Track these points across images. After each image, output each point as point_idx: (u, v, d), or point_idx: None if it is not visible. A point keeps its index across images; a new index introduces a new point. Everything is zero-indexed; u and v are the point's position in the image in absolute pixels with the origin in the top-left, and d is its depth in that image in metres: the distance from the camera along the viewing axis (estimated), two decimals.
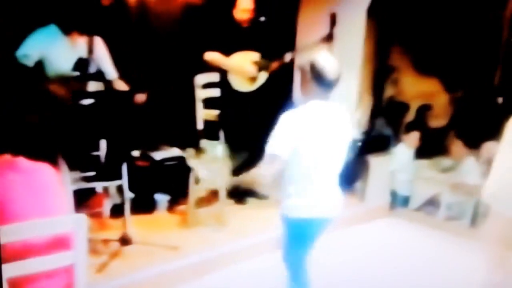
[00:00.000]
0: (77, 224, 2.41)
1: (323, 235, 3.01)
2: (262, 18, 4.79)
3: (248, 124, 4.69)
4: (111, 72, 4.06)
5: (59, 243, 2.49)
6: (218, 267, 3.98)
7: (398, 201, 5.38)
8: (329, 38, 4.83)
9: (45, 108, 3.47)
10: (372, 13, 5.25)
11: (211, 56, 4.64)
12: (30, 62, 3.71)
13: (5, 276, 2.21)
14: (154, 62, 4.89)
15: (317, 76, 2.69)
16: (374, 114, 5.59)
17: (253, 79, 4.73)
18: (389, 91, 5.70)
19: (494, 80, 5.35)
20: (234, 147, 4.51)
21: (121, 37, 4.47)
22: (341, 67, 2.77)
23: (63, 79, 3.71)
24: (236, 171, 4.45)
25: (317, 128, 2.72)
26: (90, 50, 3.83)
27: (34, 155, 2.61)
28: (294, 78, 4.95)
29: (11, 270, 2.25)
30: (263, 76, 4.77)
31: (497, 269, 3.48)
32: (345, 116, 2.88)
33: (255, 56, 4.73)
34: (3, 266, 2.20)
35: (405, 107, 5.89)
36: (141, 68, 4.61)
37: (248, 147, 4.64)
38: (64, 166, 3.54)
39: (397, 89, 5.81)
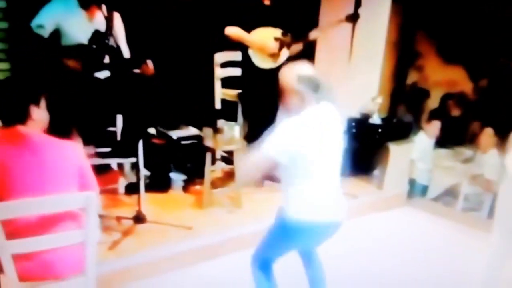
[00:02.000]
0: (87, 202, 2.33)
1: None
2: None
3: (267, 104, 4.57)
4: (126, 49, 3.94)
5: (71, 220, 2.43)
6: (231, 249, 3.90)
7: (417, 190, 5.27)
8: (353, 17, 4.65)
9: (60, 80, 3.38)
10: None
11: (233, 31, 4.51)
12: (45, 32, 3.59)
13: (9, 252, 2.15)
14: (173, 38, 4.77)
15: (309, 84, 2.62)
16: (396, 100, 5.44)
17: (275, 56, 4.59)
18: (412, 77, 5.53)
19: None
20: (251, 128, 4.41)
21: (140, 13, 4.34)
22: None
23: (78, 51, 3.60)
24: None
25: (316, 132, 2.64)
26: (108, 25, 3.70)
27: (49, 128, 2.54)
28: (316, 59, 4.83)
29: (16, 247, 2.19)
30: (285, 54, 4.63)
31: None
32: (337, 114, 2.78)
33: (277, 32, 4.59)
34: (7, 242, 2.14)
35: (427, 94, 5.73)
36: (159, 44, 4.50)
37: (266, 128, 4.53)
38: (78, 141, 3.48)
39: (420, 75, 5.64)
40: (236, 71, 4.84)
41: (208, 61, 4.83)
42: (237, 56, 4.72)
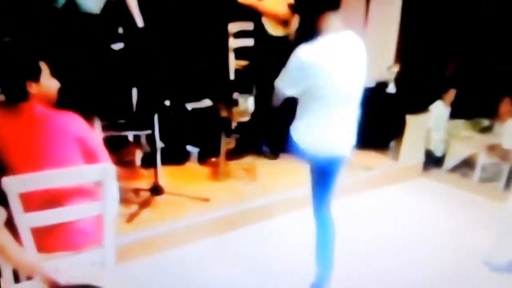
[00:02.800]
0: (104, 174, 2.30)
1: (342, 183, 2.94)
2: None
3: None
4: (139, 19, 3.88)
5: (85, 195, 2.41)
6: (247, 221, 3.89)
7: (433, 160, 5.19)
8: None
9: (75, 51, 3.33)
10: None
11: None
12: (58, 3, 3.53)
13: (28, 225, 2.14)
14: (187, 8, 4.69)
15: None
16: (412, 68, 5.32)
17: (287, 23, 4.49)
18: (427, 46, 5.40)
19: None
20: (265, 99, 4.35)
21: None
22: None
23: (91, 21, 3.54)
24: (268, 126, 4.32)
25: (333, 62, 2.54)
26: None
27: (63, 102, 2.51)
28: None
29: (34, 220, 2.17)
30: (297, 20, 4.53)
31: None
32: (361, 46, 2.69)
33: None
34: (25, 215, 2.13)
35: (444, 62, 5.61)
36: (173, 15, 4.42)
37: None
38: (94, 113, 3.46)
39: (437, 43, 5.50)
40: (249, 41, 4.75)
41: (223, 32, 4.75)
42: (250, 26, 4.63)
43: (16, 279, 2.22)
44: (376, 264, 3.52)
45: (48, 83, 2.42)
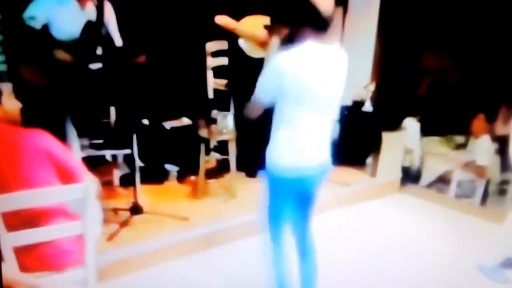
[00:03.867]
0: (85, 193, 2.33)
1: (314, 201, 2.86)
2: None
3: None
4: (118, 38, 3.92)
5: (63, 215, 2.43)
6: (226, 239, 3.92)
7: (409, 177, 5.29)
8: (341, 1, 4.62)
9: (53, 72, 3.36)
10: None
11: (222, 19, 4.48)
12: (37, 24, 3.56)
13: (10, 244, 2.15)
14: (165, 28, 4.74)
15: (310, 13, 2.49)
16: (387, 87, 5.43)
17: (265, 44, 4.56)
18: (402, 66, 5.52)
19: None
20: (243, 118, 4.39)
21: (131, 2, 4.30)
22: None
23: (70, 42, 3.57)
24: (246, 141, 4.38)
25: (309, 70, 2.50)
26: (100, 14, 3.68)
27: (39, 121, 2.52)
28: None
29: (17, 239, 2.19)
30: (275, 42, 4.61)
31: None
32: (343, 58, 2.67)
33: (265, 20, 4.55)
34: (8, 235, 2.15)
35: (418, 81, 5.75)
36: (151, 33, 4.47)
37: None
38: (73, 133, 3.47)
39: (410, 63, 5.64)
40: (225, 60, 4.82)
41: (200, 51, 4.81)
42: (225, 45, 4.70)
43: None
44: (357, 276, 3.58)
45: (9, 104, 2.44)
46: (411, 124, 5.30)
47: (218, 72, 4.87)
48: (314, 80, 2.51)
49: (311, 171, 2.69)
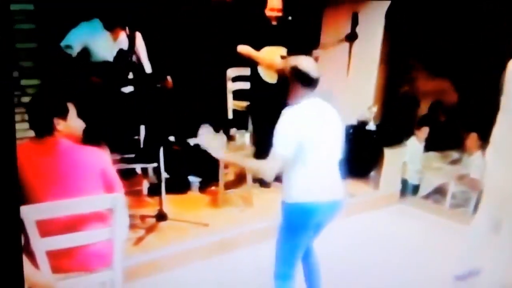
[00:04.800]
0: (115, 202, 2.29)
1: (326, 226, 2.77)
2: (290, 17, 4.59)
3: (274, 115, 4.54)
4: (148, 66, 3.91)
5: (98, 219, 2.40)
6: (243, 244, 3.85)
7: (408, 189, 5.19)
8: (351, 37, 4.60)
9: (89, 94, 3.35)
10: (390, 16, 5.05)
11: (244, 49, 4.47)
12: (73, 52, 3.57)
13: (43, 249, 2.12)
14: (190, 56, 4.74)
15: (302, 77, 2.53)
16: (389, 108, 5.37)
17: None
18: (404, 88, 5.46)
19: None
20: (260, 136, 4.35)
21: (160, 33, 4.30)
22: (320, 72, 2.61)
23: (104, 68, 3.57)
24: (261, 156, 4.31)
25: (316, 123, 2.57)
26: (131, 44, 3.68)
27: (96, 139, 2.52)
28: None
29: (50, 244, 2.15)
30: None
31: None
32: (334, 110, 2.69)
33: (283, 50, 4.54)
34: (44, 239, 2.11)
35: (417, 102, 5.66)
36: (178, 61, 4.47)
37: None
38: (106, 149, 3.45)
39: (411, 86, 5.57)
40: (246, 85, 4.79)
41: (221, 76, 4.80)
42: (246, 71, 4.68)
43: None
44: (359, 283, 3.48)
45: (74, 123, 2.43)
46: (414, 143, 5.21)
47: (237, 95, 4.84)
48: (321, 131, 2.57)
49: (325, 203, 2.60)
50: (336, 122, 2.69)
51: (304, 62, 2.58)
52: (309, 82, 2.55)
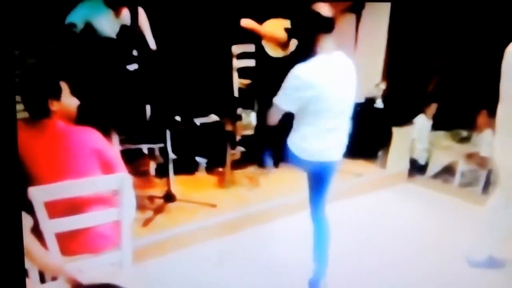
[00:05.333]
0: (121, 183, 2.27)
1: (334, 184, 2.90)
2: None
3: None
4: (152, 42, 3.85)
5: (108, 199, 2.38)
6: (251, 224, 3.84)
7: (417, 168, 5.15)
8: (355, 9, 4.52)
9: (92, 72, 3.31)
10: None
11: (247, 22, 4.40)
12: (76, 30, 3.51)
13: (52, 231, 2.11)
14: (195, 33, 4.67)
15: (315, 19, 2.55)
16: (397, 85, 5.29)
17: (285, 45, 4.46)
18: (411, 65, 5.36)
19: None
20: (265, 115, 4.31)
21: (163, 10, 4.22)
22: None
23: (108, 45, 3.52)
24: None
25: (326, 80, 2.55)
26: (134, 21, 3.62)
27: (84, 118, 2.48)
28: None
29: (58, 225, 2.14)
30: (294, 43, 4.51)
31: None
32: (351, 65, 2.70)
33: (286, 23, 4.46)
34: (52, 221, 2.10)
35: (425, 80, 5.58)
36: (183, 38, 4.41)
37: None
38: (112, 128, 3.43)
39: (420, 63, 5.47)
40: (251, 62, 4.73)
41: (226, 54, 4.74)
42: (252, 48, 4.61)
43: (42, 280, 2.19)
44: (367, 261, 3.47)
45: (68, 101, 2.39)
46: (423, 121, 5.16)
47: (243, 72, 4.78)
48: (329, 88, 2.54)
49: (329, 158, 2.75)
50: (350, 77, 2.68)
51: (315, 5, 2.59)
52: (322, 23, 2.54)
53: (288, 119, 2.70)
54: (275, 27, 4.39)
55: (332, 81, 2.55)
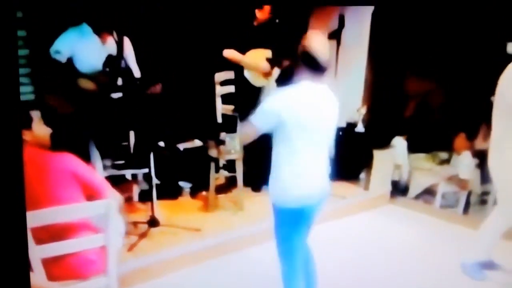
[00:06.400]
0: (107, 209, 2.31)
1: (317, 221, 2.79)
2: (277, 20, 4.62)
3: None
4: (136, 70, 3.91)
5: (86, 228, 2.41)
6: (235, 248, 3.88)
7: (399, 190, 5.25)
8: (335, 35, 4.67)
9: (78, 101, 3.36)
10: (375, 19, 5.14)
11: (230, 53, 4.50)
12: (62, 58, 3.56)
13: (39, 256, 2.13)
14: (178, 61, 4.76)
15: (309, 59, 2.46)
16: (377, 110, 5.42)
17: (267, 74, 4.56)
18: (391, 90, 5.51)
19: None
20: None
21: (147, 38, 4.31)
22: (329, 52, 2.53)
23: (93, 74, 3.58)
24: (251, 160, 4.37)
25: (305, 108, 2.47)
26: (120, 49, 3.69)
27: (66, 145, 2.52)
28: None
29: (45, 251, 2.16)
30: (276, 72, 4.61)
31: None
32: (334, 98, 2.61)
33: (268, 53, 4.56)
34: (38, 247, 2.12)
35: (405, 103, 5.73)
36: (166, 67, 4.49)
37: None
38: (96, 155, 3.46)
39: (399, 87, 5.63)
40: (232, 88, 4.81)
41: (209, 81, 4.82)
42: (232, 75, 4.70)
43: None
44: (352, 282, 3.53)
45: (39, 130, 2.43)
46: (399, 142, 5.28)
47: (226, 99, 4.87)
48: (310, 116, 2.48)
49: (313, 199, 2.63)
50: (331, 110, 2.59)
51: (315, 44, 2.48)
52: (316, 66, 2.47)
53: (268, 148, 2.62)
54: (257, 57, 4.50)
55: (311, 110, 2.49)
